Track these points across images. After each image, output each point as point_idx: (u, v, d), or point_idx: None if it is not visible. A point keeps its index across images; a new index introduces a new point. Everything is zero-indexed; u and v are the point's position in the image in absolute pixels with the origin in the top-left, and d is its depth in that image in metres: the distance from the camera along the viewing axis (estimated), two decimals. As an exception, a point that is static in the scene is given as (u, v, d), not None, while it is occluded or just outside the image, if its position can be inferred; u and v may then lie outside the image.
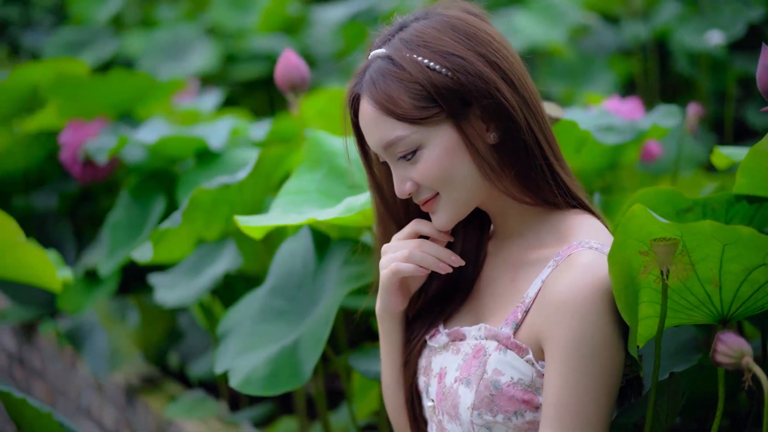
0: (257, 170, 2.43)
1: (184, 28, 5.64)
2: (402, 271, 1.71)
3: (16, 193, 3.81)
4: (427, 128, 1.61)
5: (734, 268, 1.51)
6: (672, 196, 1.94)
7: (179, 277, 2.80)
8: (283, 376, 2.07)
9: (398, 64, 1.61)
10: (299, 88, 2.39)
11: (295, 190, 2.18)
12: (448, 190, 1.63)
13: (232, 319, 2.33)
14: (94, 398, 3.43)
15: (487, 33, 1.64)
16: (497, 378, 1.60)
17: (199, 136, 3.01)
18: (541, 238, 1.67)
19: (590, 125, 2.49)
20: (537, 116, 1.66)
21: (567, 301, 1.53)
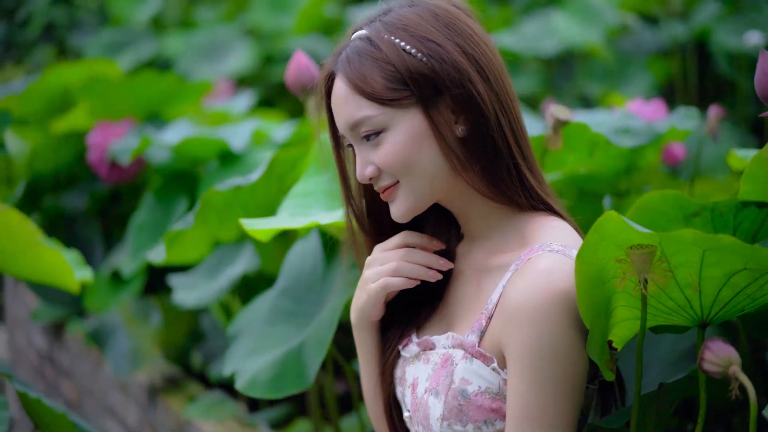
0: (271, 172, 2.43)
1: (222, 30, 5.67)
2: (392, 285, 1.70)
3: (46, 193, 3.84)
4: (394, 110, 1.59)
5: (715, 272, 1.48)
6: (679, 201, 1.91)
7: (198, 279, 2.81)
8: (288, 379, 2.07)
9: (375, 45, 1.60)
10: (309, 89, 2.39)
11: (303, 192, 2.18)
12: (409, 177, 1.61)
13: (242, 320, 2.34)
14: (119, 397, 3.45)
15: (468, 27, 1.63)
16: (465, 387, 1.58)
17: (221, 138, 3.02)
18: (505, 242, 1.64)
19: (607, 127, 2.47)
20: (509, 115, 1.63)
21: (522, 307, 1.50)
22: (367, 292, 1.73)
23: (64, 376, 3.92)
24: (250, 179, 2.39)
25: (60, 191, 3.85)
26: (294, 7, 5.66)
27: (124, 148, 3.22)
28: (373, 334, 1.79)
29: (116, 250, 3.56)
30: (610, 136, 2.43)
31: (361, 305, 1.76)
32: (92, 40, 5.99)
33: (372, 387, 1.81)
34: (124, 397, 3.42)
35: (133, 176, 3.46)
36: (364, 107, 1.60)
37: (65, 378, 3.92)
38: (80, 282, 2.66)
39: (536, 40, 4.90)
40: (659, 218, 1.95)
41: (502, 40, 4.76)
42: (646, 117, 2.75)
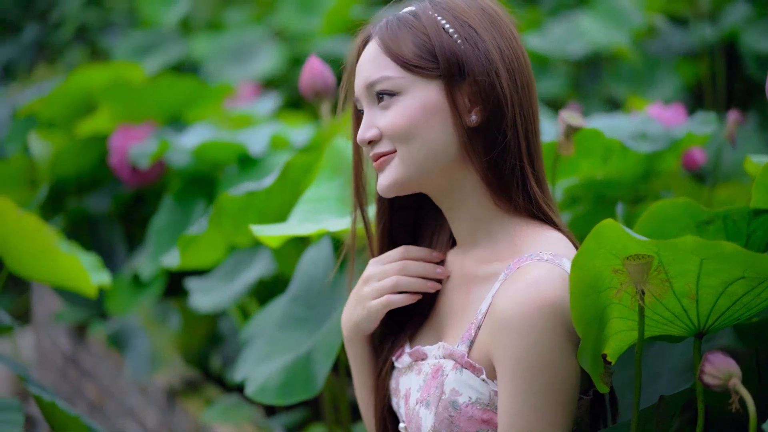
0: (285, 177, 2.43)
1: (250, 32, 5.68)
2: (394, 303, 1.70)
3: (69, 195, 3.87)
4: (415, 78, 1.59)
5: (712, 281, 1.46)
6: (691, 208, 1.89)
7: (215, 282, 2.82)
8: (297, 385, 2.07)
9: (417, 17, 1.62)
10: (323, 94, 2.39)
11: (314, 197, 2.18)
12: (408, 146, 1.60)
13: (254, 325, 2.34)
14: (138, 400, 3.47)
15: (510, 30, 1.64)
16: (455, 398, 1.56)
17: (240, 141, 3.03)
18: (495, 250, 1.63)
19: (624, 133, 2.45)
20: (527, 122, 1.62)
21: (510, 318, 1.48)
22: (366, 309, 1.72)
23: (87, 378, 3.94)
24: (263, 184, 2.40)
25: (83, 194, 3.87)
26: (322, 8, 5.66)
27: (143, 151, 3.23)
28: (366, 347, 1.78)
29: (138, 253, 3.57)
30: (626, 141, 2.41)
31: (356, 320, 1.75)
32: (119, 42, 6.02)
33: (366, 398, 1.80)
34: (143, 400, 3.44)
35: (154, 179, 3.47)
36: (388, 67, 1.61)
37: (88, 379, 3.94)
38: (97, 286, 2.67)
39: (563, 42, 4.88)
40: (671, 226, 1.93)
41: (529, 42, 4.74)
42: (665, 122, 2.73)
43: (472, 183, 1.63)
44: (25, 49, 8.17)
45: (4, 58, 8.21)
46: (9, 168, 3.85)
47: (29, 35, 8.23)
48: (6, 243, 2.58)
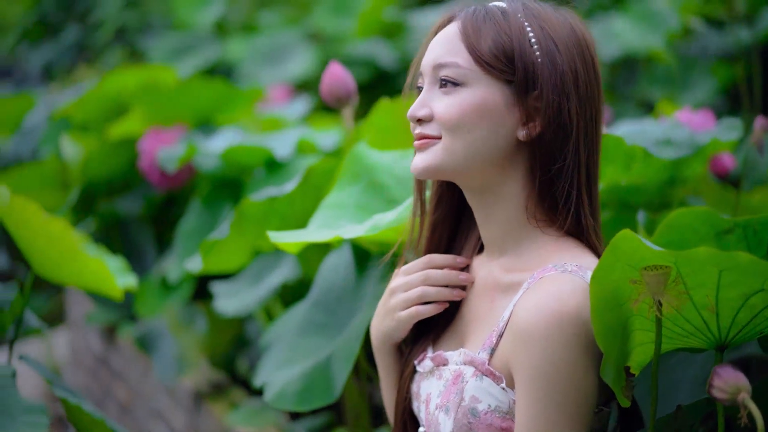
0: (307, 183, 2.43)
1: (285, 34, 5.69)
2: (422, 314, 1.71)
3: (101, 198, 3.89)
4: (483, 74, 1.59)
5: (732, 294, 1.45)
6: (710, 217, 1.86)
7: (240, 286, 2.83)
8: (316, 392, 2.07)
9: (506, 16, 1.60)
10: (344, 101, 2.39)
11: (334, 204, 2.18)
12: (453, 138, 1.59)
13: (275, 331, 2.35)
14: (166, 402, 3.49)
15: (593, 60, 1.64)
16: (474, 405, 1.56)
17: (266, 146, 3.04)
18: (522, 259, 1.62)
19: (649, 139, 2.43)
20: (589, 149, 1.62)
21: (530, 328, 1.48)
22: (396, 320, 1.74)
23: (117, 379, 3.97)
24: (285, 190, 2.40)
25: (114, 196, 3.90)
26: (356, 10, 5.66)
27: (171, 155, 3.25)
28: (395, 354, 1.81)
29: (167, 256, 3.59)
30: (650, 147, 2.39)
31: (385, 331, 1.77)
32: (155, 44, 6.06)
33: (392, 402, 1.81)
34: (171, 402, 3.46)
35: (183, 183, 3.49)
36: (459, 54, 1.60)
37: (118, 381, 3.97)
38: (123, 289, 2.68)
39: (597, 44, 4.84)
40: (690, 235, 1.91)
41: (562, 45, 4.71)
42: (694, 127, 2.71)
43: (511, 192, 1.62)
44: (65, 50, 8.24)
45: (45, 59, 8.29)
46: (43, 170, 3.89)
47: (69, 36, 8.30)
48: (33, 247, 2.60)
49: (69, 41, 8.27)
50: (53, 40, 8.42)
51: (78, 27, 8.40)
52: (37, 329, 2.81)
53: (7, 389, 2.31)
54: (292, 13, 6.31)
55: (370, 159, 2.20)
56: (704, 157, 2.63)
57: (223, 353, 3.38)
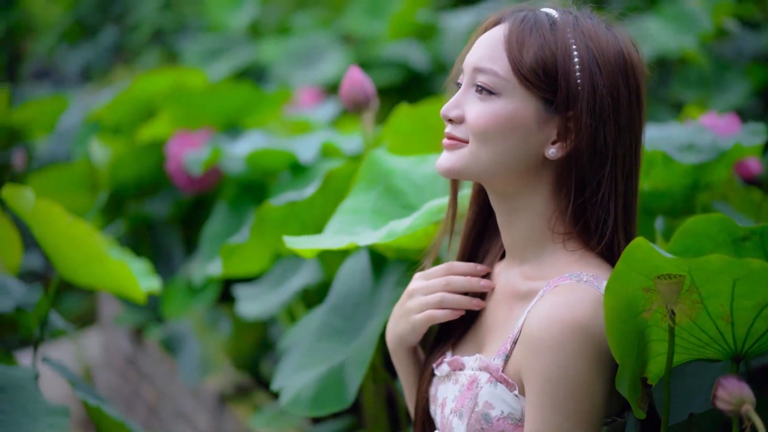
0: (327, 187, 2.44)
1: (317, 36, 5.69)
2: (437, 318, 1.71)
3: (129, 200, 3.92)
4: (520, 87, 1.56)
5: (746, 303, 1.44)
6: (726, 224, 1.84)
7: (263, 290, 2.83)
8: (329, 397, 2.08)
9: (554, 31, 1.56)
10: (363, 106, 2.39)
11: (350, 209, 2.18)
12: (480, 146, 1.58)
13: (293, 335, 2.35)
14: (191, 403, 3.50)
15: (637, 83, 1.60)
16: (488, 411, 1.56)
17: (290, 149, 3.04)
18: (542, 268, 1.61)
19: (671, 143, 2.42)
20: (628, 177, 1.60)
21: (540, 336, 1.48)
22: (411, 323, 1.73)
23: (145, 380, 3.99)
24: (304, 194, 2.41)
25: (143, 199, 3.92)
26: (389, 12, 5.65)
27: (196, 158, 3.26)
28: (411, 357, 1.81)
29: (194, 258, 3.61)
30: (673, 152, 2.37)
31: (400, 333, 1.77)
32: (189, 46, 6.08)
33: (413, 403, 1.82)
34: (196, 404, 3.47)
35: (210, 186, 3.50)
36: (499, 63, 1.57)
37: (146, 382, 3.99)
38: (146, 292, 2.70)
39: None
40: (706, 243, 1.89)
41: (595, 47, 4.68)
42: (719, 131, 2.68)
43: (536, 203, 1.61)
44: (102, 51, 8.30)
45: (83, 61, 8.36)
46: (73, 172, 3.92)
47: (106, 38, 8.36)
48: (57, 249, 2.62)
49: (106, 42, 8.33)
50: (91, 41, 8.49)
51: (115, 28, 8.46)
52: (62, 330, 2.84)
53: (30, 391, 2.33)
54: (325, 15, 6.31)
55: (386, 164, 2.19)
56: (729, 162, 2.61)
57: (247, 356, 3.39)
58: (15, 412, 2.29)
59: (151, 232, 3.86)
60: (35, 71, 9.35)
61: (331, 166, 3.04)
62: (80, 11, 8.73)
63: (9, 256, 2.98)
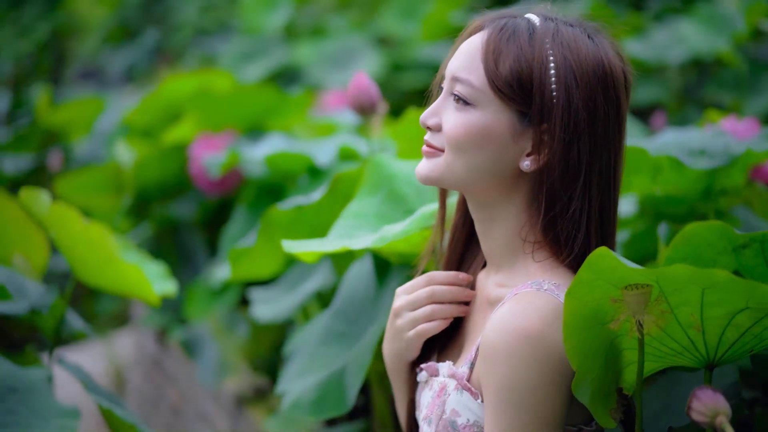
0: (335, 190, 2.44)
1: (351, 38, 5.70)
2: (429, 331, 1.69)
3: (154, 202, 3.95)
4: (496, 99, 1.54)
5: (716, 312, 1.42)
6: (726, 232, 1.83)
7: (277, 293, 2.84)
8: (329, 401, 2.08)
9: (532, 41, 1.54)
10: (368, 111, 2.39)
11: (354, 213, 2.17)
12: (455, 156, 1.57)
13: (298, 340, 2.36)
14: (211, 405, 3.52)
15: (617, 95, 1.56)
16: (454, 419, 1.56)
17: (307, 152, 3.05)
18: (512, 276, 1.60)
19: (683, 148, 2.39)
20: (604, 193, 1.57)
21: (494, 344, 1.47)
22: (405, 341, 1.72)
23: (169, 382, 4.02)
24: (312, 199, 2.41)
25: (168, 201, 3.95)
26: (423, 14, 5.64)
27: (215, 161, 3.28)
28: (409, 373, 1.78)
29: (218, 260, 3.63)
30: (684, 157, 2.35)
31: (397, 352, 1.75)
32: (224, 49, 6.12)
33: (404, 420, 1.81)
34: (215, 406, 3.49)
35: (232, 189, 3.52)
36: (476, 74, 1.56)
37: (170, 383, 4.02)
38: (161, 295, 2.72)
39: (664, 48, 4.77)
40: (706, 250, 1.88)
41: (628, 48, 4.65)
42: (737, 135, 2.65)
43: (510, 213, 1.60)
44: (145, 53, 8.38)
45: (126, 62, 8.44)
46: (101, 175, 3.96)
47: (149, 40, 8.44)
48: (73, 252, 2.65)
49: (149, 44, 8.41)
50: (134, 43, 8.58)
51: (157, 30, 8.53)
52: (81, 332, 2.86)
53: (42, 392, 2.35)
54: (360, 16, 6.32)
55: (390, 169, 2.19)
56: (745, 167, 2.57)
57: (264, 358, 3.40)
58: (26, 413, 2.31)
59: (176, 234, 3.88)
60: (81, 72, 9.47)
61: (348, 169, 3.05)
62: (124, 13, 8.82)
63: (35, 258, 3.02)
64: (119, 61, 8.52)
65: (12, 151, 5.83)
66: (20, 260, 3.05)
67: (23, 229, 2.84)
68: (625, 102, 1.58)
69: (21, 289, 2.68)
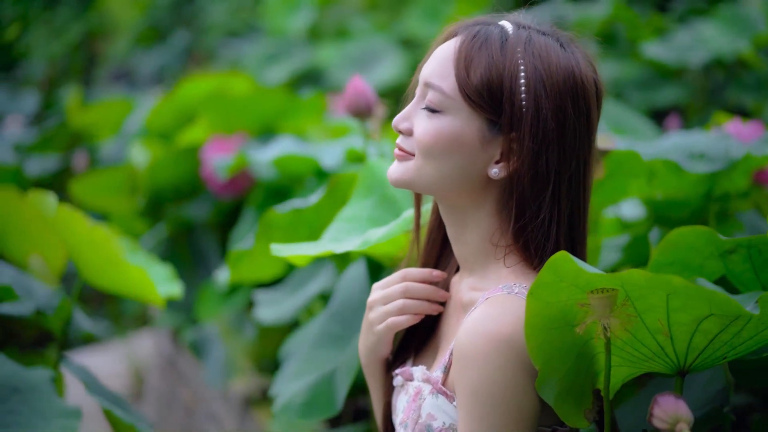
0: (334, 192, 2.45)
1: (375, 39, 5.71)
2: (399, 325, 1.70)
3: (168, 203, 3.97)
4: (466, 107, 1.54)
5: (683, 318, 1.42)
6: (712, 237, 1.82)
7: (281, 295, 2.85)
8: (318, 404, 2.09)
9: (504, 49, 1.54)
10: (365, 114, 2.39)
11: (348, 217, 2.18)
12: (425, 162, 1.57)
13: (294, 342, 2.37)
14: (221, 406, 3.54)
15: (587, 106, 1.57)
16: (430, 422, 1.56)
17: (314, 155, 3.06)
18: (485, 279, 1.60)
19: (682, 152, 2.38)
20: (574, 202, 1.57)
21: (465, 348, 1.47)
22: (376, 334, 1.73)
23: (182, 382, 4.04)
24: (309, 202, 2.42)
25: (182, 202, 3.97)
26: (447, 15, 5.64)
27: (223, 164, 3.30)
28: (382, 370, 1.79)
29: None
30: (682, 161, 2.34)
31: (369, 346, 1.76)
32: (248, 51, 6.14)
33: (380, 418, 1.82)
34: (225, 406, 3.51)
35: (243, 191, 3.54)
36: (447, 80, 1.56)
37: (183, 384, 4.04)
38: (165, 297, 2.74)
39: (685, 50, 4.74)
40: (693, 255, 1.87)
41: (649, 50, 4.63)
42: (742, 138, 2.63)
43: (481, 218, 1.60)
44: (176, 54, 8.43)
45: (157, 63, 8.49)
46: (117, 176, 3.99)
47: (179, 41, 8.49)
48: (79, 254, 2.68)
49: (179, 46, 8.45)
50: (164, 44, 8.63)
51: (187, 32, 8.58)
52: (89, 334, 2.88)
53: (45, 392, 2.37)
54: (384, 18, 6.32)
55: (382, 173, 2.19)
56: (747, 170, 2.56)
57: (271, 360, 3.42)
58: (29, 413, 2.34)
59: (190, 235, 3.91)
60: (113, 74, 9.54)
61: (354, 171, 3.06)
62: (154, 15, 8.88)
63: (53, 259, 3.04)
64: (150, 62, 8.57)
65: (39, 152, 5.88)
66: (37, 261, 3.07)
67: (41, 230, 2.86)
68: (596, 112, 1.58)
69: (29, 290, 2.70)
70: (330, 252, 1.93)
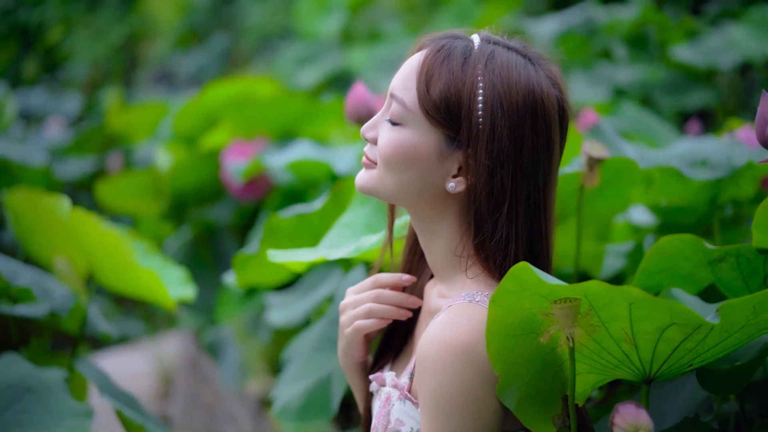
0: (337, 198, 2.47)
1: (406, 42, 5.71)
2: (364, 328, 1.72)
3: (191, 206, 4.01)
4: (425, 121, 1.56)
5: (646, 327, 1.43)
6: (700, 245, 1.83)
7: (293, 298, 2.88)
8: (314, 407, 2.12)
9: (465, 65, 1.55)
10: (365, 121, 2.41)
11: (346, 223, 2.21)
12: (385, 172, 1.60)
13: (295, 346, 2.40)
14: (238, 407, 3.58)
15: (548, 126, 1.57)
16: (399, 428, 1.59)
17: (327, 160, 3.09)
18: (451, 286, 1.63)
19: (684, 159, 2.38)
20: (534, 220, 1.58)
21: (425, 355, 1.49)
22: (346, 337, 1.77)
23: (204, 383, 4.08)
24: (313, 207, 2.45)
25: (205, 205, 4.02)
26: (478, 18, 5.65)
27: (239, 168, 3.34)
28: (360, 373, 1.82)
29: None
30: (684, 168, 2.34)
31: (343, 348, 1.79)
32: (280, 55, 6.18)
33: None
34: (242, 407, 3.55)
35: (262, 195, 3.57)
36: (409, 94, 1.58)
37: (204, 384, 4.08)
38: (177, 300, 2.78)
39: (713, 53, 4.72)
40: (682, 263, 1.88)
41: (678, 54, 4.61)
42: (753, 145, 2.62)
43: (445, 228, 1.62)
44: (214, 57, 8.49)
45: (196, 66, 8.56)
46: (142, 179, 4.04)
47: (218, 44, 8.56)
48: (93, 257, 2.73)
49: (217, 48, 8.52)
50: (203, 47, 8.70)
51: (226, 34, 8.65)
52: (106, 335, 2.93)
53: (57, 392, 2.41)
54: (415, 22, 6.34)
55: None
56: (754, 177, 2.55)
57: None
58: (41, 412, 2.38)
59: (212, 238, 3.95)
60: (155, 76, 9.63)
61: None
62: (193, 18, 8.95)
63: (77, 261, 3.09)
64: (189, 64, 8.65)
65: (75, 154, 5.96)
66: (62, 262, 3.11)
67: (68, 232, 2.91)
68: (557, 131, 1.59)
69: (47, 292, 2.74)
70: (324, 259, 1.96)
